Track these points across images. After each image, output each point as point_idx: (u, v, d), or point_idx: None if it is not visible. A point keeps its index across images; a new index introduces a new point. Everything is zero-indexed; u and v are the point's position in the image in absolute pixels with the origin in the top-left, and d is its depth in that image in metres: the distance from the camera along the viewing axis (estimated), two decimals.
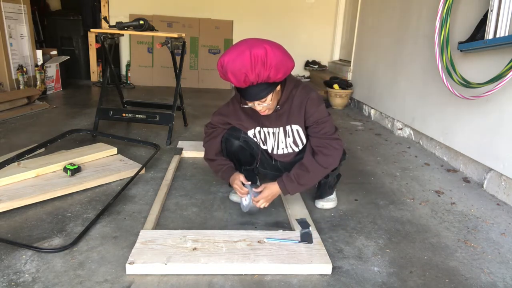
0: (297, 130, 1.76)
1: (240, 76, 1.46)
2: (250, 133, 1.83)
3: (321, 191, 1.95)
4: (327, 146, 1.67)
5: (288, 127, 1.76)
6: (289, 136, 1.78)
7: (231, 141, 1.82)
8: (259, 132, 1.81)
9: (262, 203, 1.69)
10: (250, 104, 1.63)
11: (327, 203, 1.96)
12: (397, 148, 3.13)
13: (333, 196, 1.98)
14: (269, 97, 1.58)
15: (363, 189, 2.25)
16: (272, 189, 1.69)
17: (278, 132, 1.78)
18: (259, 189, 1.70)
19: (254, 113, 1.75)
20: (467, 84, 2.34)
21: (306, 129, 1.75)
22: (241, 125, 1.82)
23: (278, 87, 1.63)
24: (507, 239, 1.76)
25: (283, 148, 1.82)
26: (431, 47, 2.88)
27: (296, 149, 1.81)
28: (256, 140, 1.85)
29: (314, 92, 1.72)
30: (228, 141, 1.83)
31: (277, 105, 1.70)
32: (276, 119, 1.74)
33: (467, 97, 2.35)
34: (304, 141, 1.78)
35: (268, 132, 1.80)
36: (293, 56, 1.60)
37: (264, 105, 1.61)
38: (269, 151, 1.86)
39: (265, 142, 1.84)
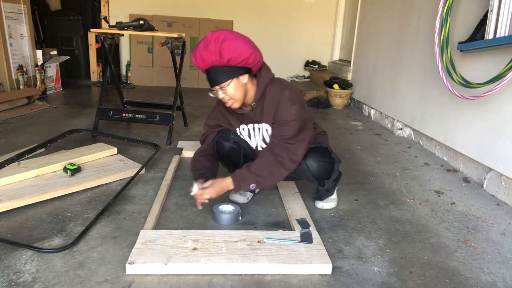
0: (267, 130, 1.73)
1: (196, 53, 1.56)
2: (238, 131, 1.83)
3: (319, 194, 1.95)
4: (279, 146, 1.65)
5: (261, 125, 1.74)
6: (259, 135, 1.77)
7: (222, 143, 1.83)
8: (243, 129, 1.80)
9: (206, 195, 1.65)
10: (214, 91, 1.63)
11: (327, 204, 1.96)
12: (397, 148, 3.13)
13: (333, 196, 1.98)
14: (228, 83, 1.57)
15: (363, 189, 2.25)
16: (220, 182, 1.67)
17: (259, 128, 1.77)
18: (205, 185, 1.68)
19: (235, 111, 1.75)
20: (467, 84, 2.34)
21: None
22: (229, 124, 1.83)
23: (244, 79, 1.60)
24: (507, 239, 1.76)
25: (261, 146, 1.82)
26: (431, 47, 2.88)
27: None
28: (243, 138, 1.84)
29: (289, 91, 1.65)
30: (218, 143, 1.84)
31: (252, 103, 1.68)
32: (253, 117, 1.72)
33: (467, 97, 2.35)
34: None
35: (249, 128, 1.79)
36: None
37: (226, 92, 1.59)
38: (254, 147, 1.84)
39: (250, 139, 1.83)
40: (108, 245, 1.53)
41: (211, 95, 1.67)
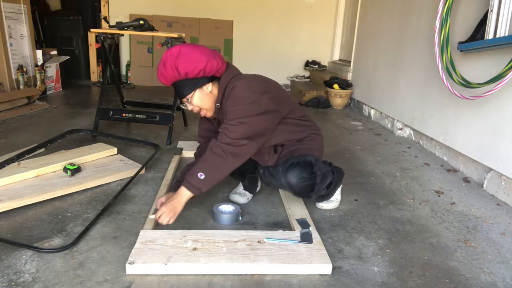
0: None
1: (158, 72, 1.59)
2: None
3: (314, 198, 1.92)
4: (223, 128, 1.58)
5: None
6: None
7: None
8: None
9: (161, 216, 1.54)
10: (184, 105, 1.66)
11: (327, 204, 1.95)
12: (397, 148, 3.13)
13: (334, 198, 1.96)
14: (191, 95, 1.59)
15: (363, 189, 2.24)
16: (172, 196, 1.58)
17: None
18: (160, 205, 1.59)
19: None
20: (467, 84, 2.34)
21: None
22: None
23: (208, 87, 1.61)
24: (507, 239, 1.76)
25: None
26: (431, 47, 2.88)
27: None
28: None
29: (244, 80, 1.59)
30: None
31: (217, 104, 1.66)
32: (221, 117, 1.70)
33: (467, 97, 2.35)
34: None
35: None
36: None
37: (192, 103, 1.61)
38: None
39: None
40: (108, 245, 1.53)
41: (183, 107, 1.70)
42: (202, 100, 1.62)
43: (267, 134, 1.64)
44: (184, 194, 1.57)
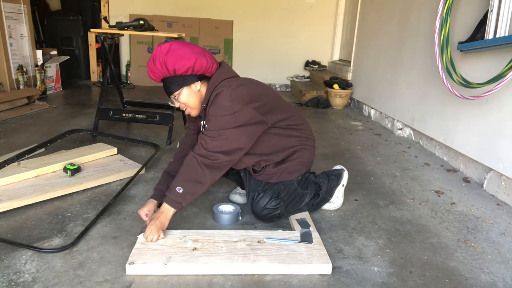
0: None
1: (148, 68, 1.59)
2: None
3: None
4: (201, 138, 1.56)
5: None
6: None
7: None
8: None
9: (149, 235, 1.49)
10: (172, 101, 1.66)
11: (326, 205, 1.94)
12: (397, 148, 3.13)
13: (334, 199, 1.94)
14: (178, 92, 1.60)
15: (363, 189, 2.24)
16: (157, 215, 1.53)
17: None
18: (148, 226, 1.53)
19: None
20: (467, 84, 2.34)
21: None
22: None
23: (197, 86, 1.61)
24: (507, 239, 1.76)
25: None
26: (431, 47, 2.88)
27: None
28: None
29: (230, 89, 1.55)
30: None
31: (203, 105, 1.65)
32: (203, 117, 1.69)
33: (467, 97, 2.35)
34: None
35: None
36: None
37: (179, 100, 1.62)
38: None
39: None
40: (108, 245, 1.53)
41: (170, 104, 1.70)
42: (189, 98, 1.62)
43: (246, 147, 1.61)
44: (169, 209, 1.53)
